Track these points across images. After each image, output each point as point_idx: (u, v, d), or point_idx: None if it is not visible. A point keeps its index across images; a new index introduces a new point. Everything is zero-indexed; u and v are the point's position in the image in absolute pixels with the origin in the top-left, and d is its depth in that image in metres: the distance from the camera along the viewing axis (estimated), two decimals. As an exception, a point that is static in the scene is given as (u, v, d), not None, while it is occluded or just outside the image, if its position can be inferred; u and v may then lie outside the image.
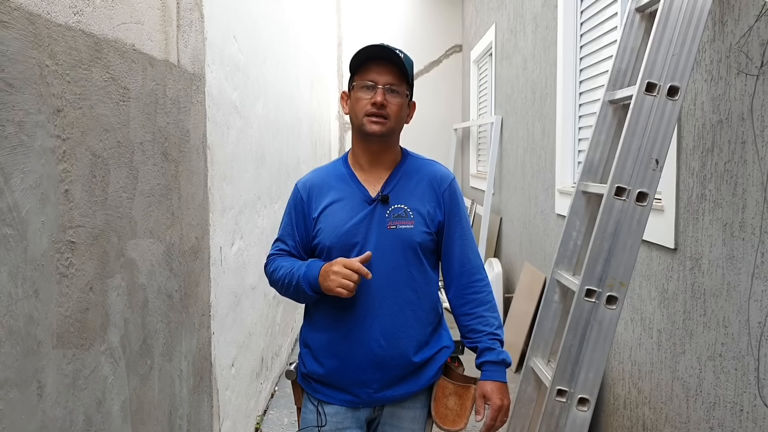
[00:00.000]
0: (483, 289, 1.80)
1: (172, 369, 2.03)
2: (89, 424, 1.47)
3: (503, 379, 1.75)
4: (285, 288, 1.74)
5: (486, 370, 1.75)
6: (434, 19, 8.73)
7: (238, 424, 2.96)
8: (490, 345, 1.75)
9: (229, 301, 2.81)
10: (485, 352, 1.75)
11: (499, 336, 1.77)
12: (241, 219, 3.05)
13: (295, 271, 1.70)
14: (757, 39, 1.75)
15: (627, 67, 2.13)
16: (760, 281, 1.75)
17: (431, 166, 1.81)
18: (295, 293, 1.72)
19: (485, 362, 1.75)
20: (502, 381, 1.74)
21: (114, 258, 1.60)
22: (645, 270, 2.53)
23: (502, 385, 1.74)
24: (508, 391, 1.76)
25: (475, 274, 1.79)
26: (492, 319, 1.78)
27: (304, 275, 1.67)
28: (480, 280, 1.80)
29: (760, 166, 1.74)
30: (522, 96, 5.02)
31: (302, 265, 1.71)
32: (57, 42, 1.32)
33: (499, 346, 1.76)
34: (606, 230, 1.88)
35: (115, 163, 1.60)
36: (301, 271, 1.69)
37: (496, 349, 1.75)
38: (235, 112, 2.91)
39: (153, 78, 1.85)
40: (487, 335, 1.75)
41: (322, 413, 1.76)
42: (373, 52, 1.68)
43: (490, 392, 1.73)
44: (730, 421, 1.90)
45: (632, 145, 1.86)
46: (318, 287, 1.64)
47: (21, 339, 1.20)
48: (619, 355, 2.82)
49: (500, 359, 1.74)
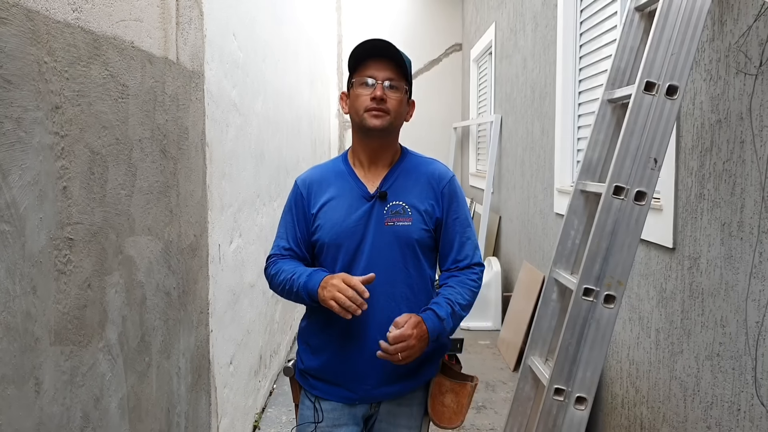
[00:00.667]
0: (470, 276, 1.78)
1: (170, 366, 2.03)
2: (87, 421, 1.47)
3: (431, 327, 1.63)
4: (285, 293, 1.74)
5: (425, 312, 1.67)
6: (434, 17, 8.73)
7: (237, 421, 2.96)
8: (442, 303, 1.68)
9: (228, 299, 2.81)
10: (435, 305, 1.68)
11: (456, 308, 1.69)
12: (240, 217, 3.05)
13: (296, 279, 1.69)
14: (756, 39, 1.75)
15: (626, 66, 2.13)
16: (758, 281, 1.75)
17: (430, 164, 1.81)
18: (295, 299, 1.73)
19: (429, 309, 1.68)
20: (428, 327, 1.63)
21: (112, 255, 1.60)
22: (643, 269, 2.53)
23: (424, 329, 1.62)
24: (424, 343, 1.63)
25: (472, 267, 1.79)
26: (459, 295, 1.72)
27: (304, 285, 1.66)
28: (473, 273, 1.79)
29: (758, 166, 1.74)
30: (521, 95, 5.02)
31: (303, 274, 1.69)
32: (56, 39, 1.32)
33: (448, 312, 1.67)
34: (604, 229, 1.88)
35: (113, 160, 1.60)
36: (302, 280, 1.68)
37: (444, 309, 1.67)
38: (234, 109, 2.91)
39: (152, 75, 1.85)
40: (445, 299, 1.70)
41: (319, 409, 1.77)
42: (372, 48, 1.68)
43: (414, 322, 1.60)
44: (728, 421, 1.91)
45: (631, 144, 1.86)
46: (316, 297, 1.63)
47: (19, 336, 1.20)
48: (617, 354, 2.82)
49: (442, 316, 1.66)
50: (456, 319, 1.71)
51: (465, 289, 1.75)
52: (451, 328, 1.71)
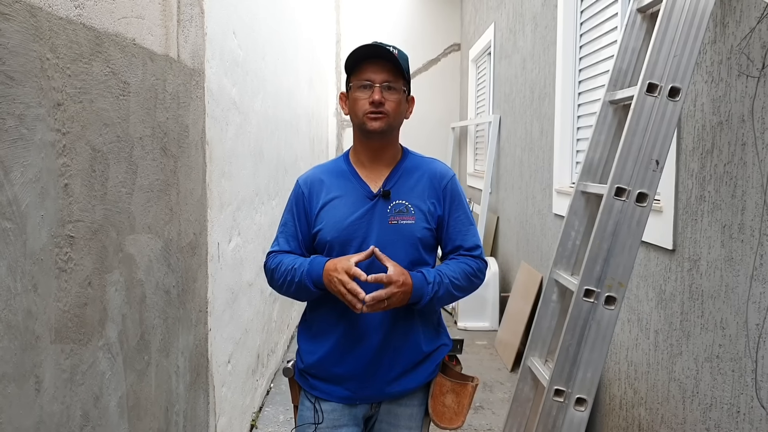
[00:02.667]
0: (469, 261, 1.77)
1: (169, 365, 2.03)
2: (86, 419, 1.47)
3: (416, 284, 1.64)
4: (286, 286, 1.73)
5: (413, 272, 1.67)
6: (433, 17, 8.73)
7: (234, 420, 2.95)
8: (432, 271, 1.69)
9: (226, 298, 2.80)
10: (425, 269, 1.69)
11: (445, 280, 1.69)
12: (239, 215, 3.05)
13: (297, 267, 1.69)
14: (759, 41, 1.75)
15: (628, 68, 2.13)
16: (759, 283, 1.75)
17: (432, 164, 1.82)
18: (296, 290, 1.71)
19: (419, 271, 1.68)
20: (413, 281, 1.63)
21: (112, 253, 1.60)
22: (643, 271, 2.53)
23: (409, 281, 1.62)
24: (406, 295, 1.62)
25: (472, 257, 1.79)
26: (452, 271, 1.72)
27: (308, 272, 1.66)
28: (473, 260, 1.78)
29: (759, 169, 1.74)
30: (520, 95, 5.02)
31: (305, 262, 1.70)
32: (58, 35, 1.31)
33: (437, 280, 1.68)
34: (605, 230, 1.88)
35: (114, 157, 1.59)
36: (304, 267, 1.68)
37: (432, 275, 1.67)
38: (234, 107, 2.90)
39: (153, 73, 1.85)
40: (437, 270, 1.71)
41: (319, 410, 1.76)
42: (367, 52, 1.68)
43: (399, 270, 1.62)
44: (727, 423, 1.91)
45: (632, 145, 1.86)
46: (321, 284, 1.64)
47: (19, 333, 1.19)
48: (616, 356, 2.82)
49: (429, 280, 1.66)
50: (444, 290, 1.69)
51: (460, 270, 1.74)
52: (438, 295, 1.68)
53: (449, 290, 1.70)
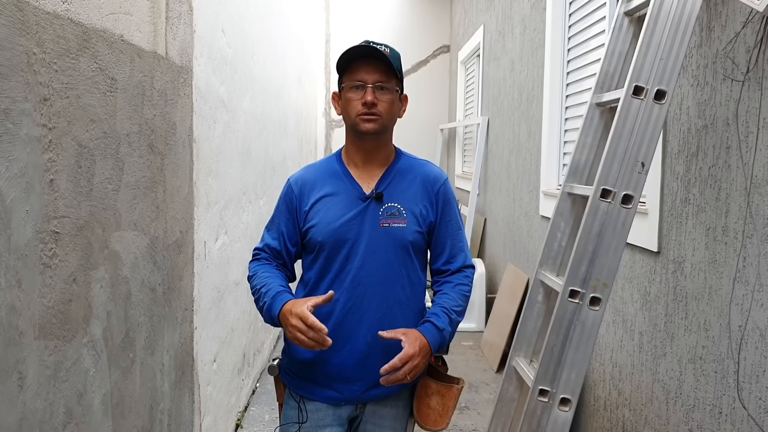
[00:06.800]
0: (463, 280, 1.81)
1: (154, 363, 2.02)
2: (70, 416, 1.46)
3: (432, 340, 1.66)
4: (256, 302, 1.74)
5: (424, 325, 1.69)
6: (422, 18, 8.74)
7: (219, 419, 2.94)
8: (439, 314, 1.71)
9: (212, 296, 2.79)
10: (432, 317, 1.71)
11: (452, 315, 1.72)
12: (226, 214, 3.04)
13: (264, 294, 1.69)
14: (744, 45, 1.77)
15: (615, 70, 2.15)
16: (742, 285, 1.77)
17: (425, 167, 1.82)
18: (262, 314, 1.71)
19: (427, 321, 1.70)
20: (429, 341, 1.65)
21: (98, 250, 1.59)
22: (627, 272, 2.55)
23: (426, 342, 1.64)
24: (428, 358, 1.65)
25: (463, 270, 1.81)
26: (453, 301, 1.75)
27: (268, 307, 1.66)
28: (465, 277, 1.81)
29: (743, 171, 1.76)
30: (509, 97, 5.04)
31: (270, 291, 1.68)
32: (45, 30, 1.30)
33: (446, 321, 1.70)
34: (591, 232, 1.89)
35: (101, 154, 1.59)
36: (268, 299, 1.67)
37: (442, 319, 1.70)
38: (222, 106, 2.90)
39: (141, 69, 1.84)
40: (441, 308, 1.73)
41: (303, 410, 1.76)
42: (359, 52, 1.68)
43: (413, 338, 1.62)
44: (709, 424, 1.93)
45: (618, 147, 1.87)
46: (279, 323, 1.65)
47: (2, 329, 1.19)
48: (600, 357, 2.84)
49: (441, 327, 1.69)
50: (454, 326, 1.74)
51: (459, 295, 1.78)
52: (450, 335, 1.73)
53: (457, 321, 1.75)
